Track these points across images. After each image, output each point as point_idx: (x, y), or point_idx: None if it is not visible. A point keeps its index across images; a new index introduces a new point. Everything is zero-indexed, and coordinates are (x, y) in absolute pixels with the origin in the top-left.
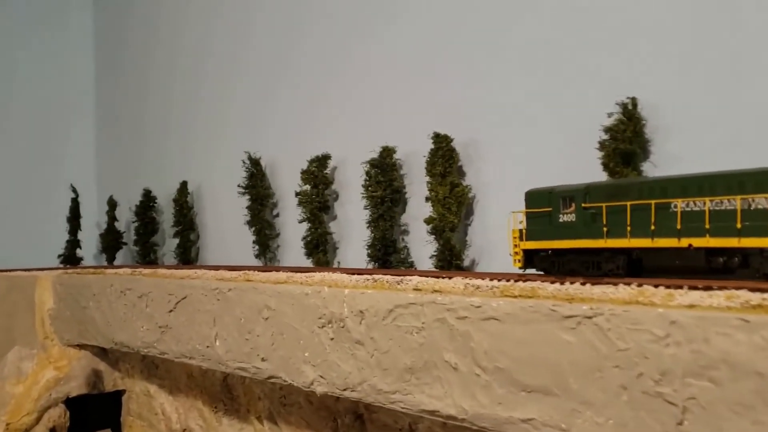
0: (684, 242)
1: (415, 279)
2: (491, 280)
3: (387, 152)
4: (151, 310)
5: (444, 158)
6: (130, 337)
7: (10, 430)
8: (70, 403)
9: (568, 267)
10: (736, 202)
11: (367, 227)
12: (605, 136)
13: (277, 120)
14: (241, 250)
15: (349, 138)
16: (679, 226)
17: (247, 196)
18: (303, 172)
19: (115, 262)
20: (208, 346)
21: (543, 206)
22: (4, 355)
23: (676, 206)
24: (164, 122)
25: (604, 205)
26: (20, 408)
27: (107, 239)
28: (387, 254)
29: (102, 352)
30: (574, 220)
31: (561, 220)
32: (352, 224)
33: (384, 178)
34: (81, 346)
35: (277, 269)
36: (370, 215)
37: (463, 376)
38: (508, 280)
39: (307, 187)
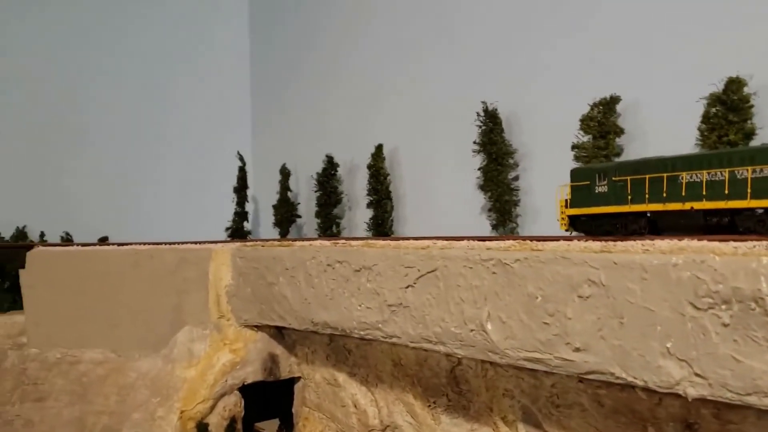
0: (687, 205)
1: None
2: None
3: (736, 85)
4: (374, 286)
5: None
6: (339, 318)
7: (184, 418)
8: (241, 390)
9: (603, 228)
10: (725, 174)
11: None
12: None
13: (517, 61)
14: (457, 220)
15: (642, 72)
16: (683, 193)
17: (482, 156)
18: (584, 120)
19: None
20: (472, 330)
21: (583, 180)
22: (173, 336)
23: (682, 178)
24: (341, 80)
25: (629, 177)
26: (194, 394)
27: (281, 211)
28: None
29: (278, 335)
30: (606, 191)
31: (597, 191)
32: None
33: (737, 118)
34: (258, 327)
35: (568, 239)
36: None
37: None
38: None
39: (589, 138)
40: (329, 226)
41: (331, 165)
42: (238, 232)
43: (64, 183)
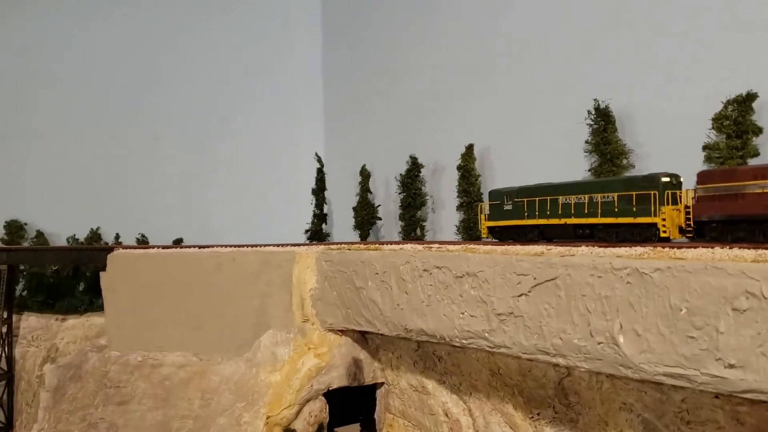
0: (562, 221)
1: None
2: None
3: None
4: (480, 294)
5: None
6: (437, 325)
7: (270, 424)
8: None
9: (509, 237)
10: (585, 199)
11: None
12: None
13: (630, 55)
14: None
15: None
16: (560, 212)
17: (594, 156)
18: (716, 119)
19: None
20: (600, 343)
21: (496, 200)
22: (255, 339)
23: (559, 200)
24: (423, 80)
25: (525, 199)
26: (280, 399)
27: (362, 213)
28: None
29: (362, 339)
30: (511, 208)
31: (505, 209)
32: None
33: None
34: (342, 332)
35: (708, 246)
36: None
37: None
38: None
39: (722, 138)
40: (413, 228)
41: (415, 166)
42: (317, 234)
43: (138, 185)
